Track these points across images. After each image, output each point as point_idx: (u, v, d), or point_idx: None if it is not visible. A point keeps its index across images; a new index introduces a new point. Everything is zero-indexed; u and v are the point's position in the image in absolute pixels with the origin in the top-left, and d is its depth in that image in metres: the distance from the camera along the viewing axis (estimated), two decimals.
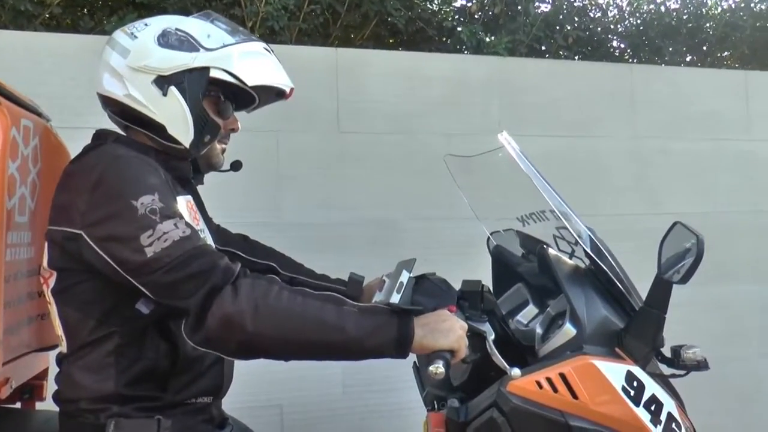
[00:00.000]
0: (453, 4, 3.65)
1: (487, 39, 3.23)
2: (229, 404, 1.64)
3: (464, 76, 3.10)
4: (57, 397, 1.30)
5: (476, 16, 3.52)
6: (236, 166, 1.58)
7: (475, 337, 1.37)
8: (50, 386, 1.61)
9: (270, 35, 3.02)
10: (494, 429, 1.32)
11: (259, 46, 1.42)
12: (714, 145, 3.43)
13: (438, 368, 1.16)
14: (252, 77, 1.36)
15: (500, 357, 1.29)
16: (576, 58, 3.67)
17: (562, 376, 1.32)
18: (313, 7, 2.99)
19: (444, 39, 3.43)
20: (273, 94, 1.49)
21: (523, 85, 3.16)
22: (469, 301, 1.44)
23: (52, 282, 1.25)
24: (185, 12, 2.95)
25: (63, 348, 1.28)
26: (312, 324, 1.13)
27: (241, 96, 1.42)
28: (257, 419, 2.73)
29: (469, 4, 3.54)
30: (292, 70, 2.95)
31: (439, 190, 2.91)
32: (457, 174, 1.95)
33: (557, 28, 3.56)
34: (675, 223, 1.41)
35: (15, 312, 1.38)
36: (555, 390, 1.31)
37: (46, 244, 1.26)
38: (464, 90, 3.09)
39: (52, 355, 1.56)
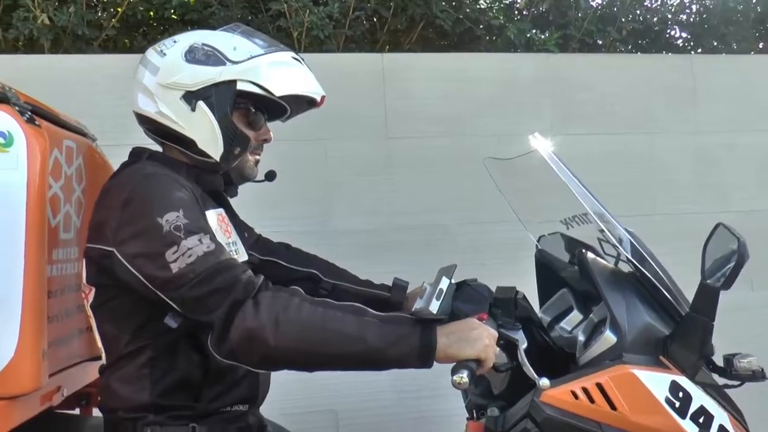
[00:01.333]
0: (503, 1, 3.58)
1: (537, 36, 3.15)
2: (284, 409, 1.65)
3: (513, 75, 3.05)
4: (100, 406, 1.35)
5: (524, 13, 3.45)
6: (270, 176, 1.59)
7: (510, 345, 1.34)
8: None
9: (317, 45, 3.05)
10: None
11: (287, 55, 1.42)
12: None
13: (462, 378, 1.14)
14: (280, 87, 1.37)
15: (530, 367, 1.26)
16: (634, 51, 3.54)
17: (599, 386, 1.27)
18: (357, 13, 3.00)
19: (493, 38, 3.38)
20: (304, 102, 1.49)
21: (574, 82, 3.07)
22: (502, 308, 1.41)
23: (91, 297, 1.31)
24: None
25: (103, 360, 1.33)
26: (332, 335, 1.13)
27: (273, 106, 1.43)
28: (312, 424, 2.77)
29: (518, 2, 3.48)
30: (338, 78, 2.97)
31: (490, 192, 2.86)
32: (498, 177, 1.91)
33: (611, 20, 3.44)
34: (717, 225, 1.33)
35: (64, 325, 1.45)
36: (591, 400, 1.26)
37: (84, 261, 1.31)
38: (513, 89, 3.04)
39: None
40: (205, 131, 1.34)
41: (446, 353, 1.17)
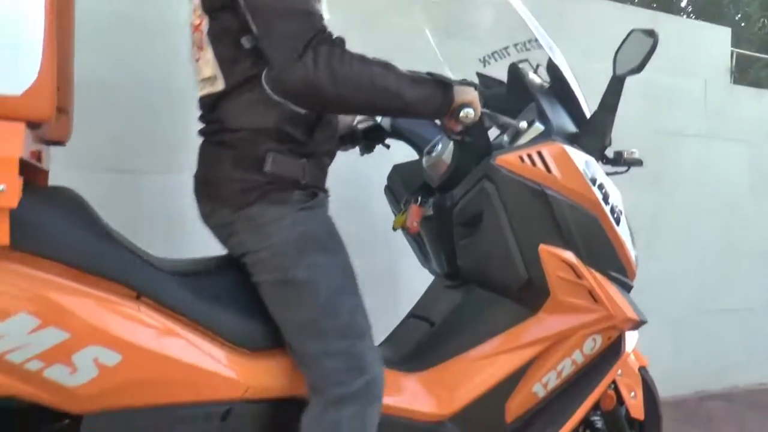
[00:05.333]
0: None
1: None
2: None
3: None
4: (215, 129, 1.40)
5: None
6: None
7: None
8: None
9: None
10: (485, 197, 1.57)
11: None
12: None
13: (468, 113, 1.44)
14: None
15: (505, 117, 1.57)
16: None
17: (539, 154, 1.59)
18: None
19: None
20: None
21: None
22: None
23: (204, 26, 1.36)
24: None
25: (218, 87, 1.37)
26: (378, 91, 1.33)
27: None
28: None
29: None
30: None
31: None
32: (427, 20, 2.15)
33: None
34: (631, 31, 1.68)
35: None
36: (534, 164, 1.59)
37: None
38: None
39: None
40: None
41: (455, 101, 1.44)
